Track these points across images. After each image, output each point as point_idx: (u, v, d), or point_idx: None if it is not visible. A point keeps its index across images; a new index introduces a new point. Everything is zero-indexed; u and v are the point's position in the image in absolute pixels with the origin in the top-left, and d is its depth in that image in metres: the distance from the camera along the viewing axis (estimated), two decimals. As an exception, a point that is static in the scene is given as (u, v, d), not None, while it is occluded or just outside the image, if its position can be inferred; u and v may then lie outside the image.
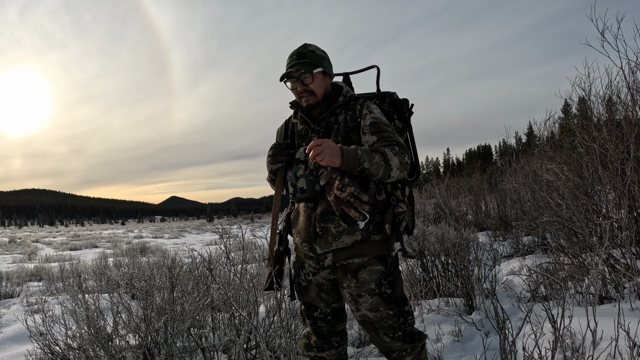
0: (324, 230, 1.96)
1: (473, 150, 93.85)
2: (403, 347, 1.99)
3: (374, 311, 1.96)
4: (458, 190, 11.33)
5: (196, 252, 3.19)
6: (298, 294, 2.18)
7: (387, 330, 1.98)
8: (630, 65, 3.63)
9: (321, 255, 2.01)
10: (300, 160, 2.01)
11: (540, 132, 6.25)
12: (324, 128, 2.05)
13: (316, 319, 2.15)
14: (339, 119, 2.05)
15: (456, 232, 4.46)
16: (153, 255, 10.94)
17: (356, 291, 1.97)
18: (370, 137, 1.95)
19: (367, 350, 3.15)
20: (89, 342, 2.59)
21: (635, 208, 3.47)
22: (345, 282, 2.00)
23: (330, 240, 1.96)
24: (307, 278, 2.13)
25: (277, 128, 2.30)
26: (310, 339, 2.20)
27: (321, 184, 1.81)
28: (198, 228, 39.14)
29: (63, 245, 20.50)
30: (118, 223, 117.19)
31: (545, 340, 2.15)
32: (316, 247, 2.00)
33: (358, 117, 2.01)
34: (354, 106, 2.04)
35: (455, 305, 3.91)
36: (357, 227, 1.91)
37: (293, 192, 2.04)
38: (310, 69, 2.00)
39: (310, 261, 2.08)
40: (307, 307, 2.17)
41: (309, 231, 2.01)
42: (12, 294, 6.97)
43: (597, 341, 1.86)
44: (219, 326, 2.89)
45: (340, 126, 2.03)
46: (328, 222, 1.96)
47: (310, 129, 2.10)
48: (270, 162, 2.06)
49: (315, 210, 1.99)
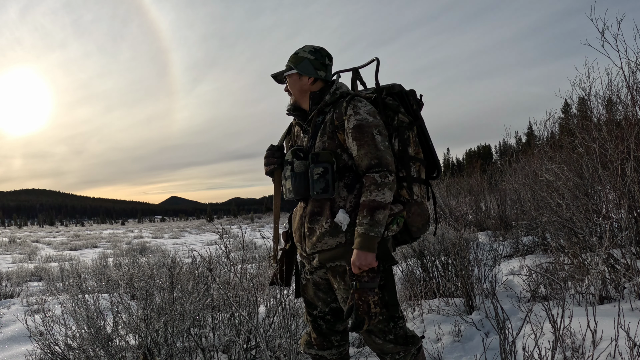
0: (310, 231, 1.98)
1: (473, 150, 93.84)
2: (396, 349, 1.98)
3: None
4: (458, 190, 11.32)
5: (196, 252, 3.19)
6: (300, 291, 2.21)
7: (377, 334, 1.97)
8: (630, 65, 3.63)
9: (310, 255, 2.03)
10: (288, 161, 2.05)
11: (540, 132, 6.25)
12: (312, 128, 2.05)
13: (315, 317, 2.17)
14: (326, 117, 2.02)
15: (456, 232, 4.45)
16: (153, 255, 10.94)
17: (345, 294, 1.95)
18: (352, 143, 1.92)
19: (367, 351, 3.15)
20: (89, 342, 2.59)
21: (635, 208, 3.46)
22: (335, 283, 2.00)
23: (315, 241, 1.96)
24: (306, 276, 2.16)
25: None
26: (311, 336, 2.22)
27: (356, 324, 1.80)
28: (198, 228, 39.14)
29: (63, 245, 20.50)
30: (118, 223, 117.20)
31: (545, 340, 2.15)
32: (305, 247, 2.03)
33: (343, 114, 1.96)
34: (341, 104, 1.99)
35: (455, 305, 3.91)
36: (341, 229, 1.90)
37: (283, 193, 2.13)
38: (284, 71, 2.12)
39: (304, 260, 2.12)
40: (308, 305, 2.19)
41: (301, 231, 2.05)
42: (12, 294, 6.96)
43: (597, 341, 1.86)
44: (219, 326, 2.89)
45: (327, 125, 2.00)
46: (314, 222, 1.96)
47: (302, 129, 2.13)
48: (264, 164, 2.19)
49: (305, 210, 2.02)
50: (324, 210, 1.95)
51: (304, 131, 2.11)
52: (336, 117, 1.98)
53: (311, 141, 2.03)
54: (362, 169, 1.90)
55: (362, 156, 1.89)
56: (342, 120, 1.96)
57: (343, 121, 1.95)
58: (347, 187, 1.94)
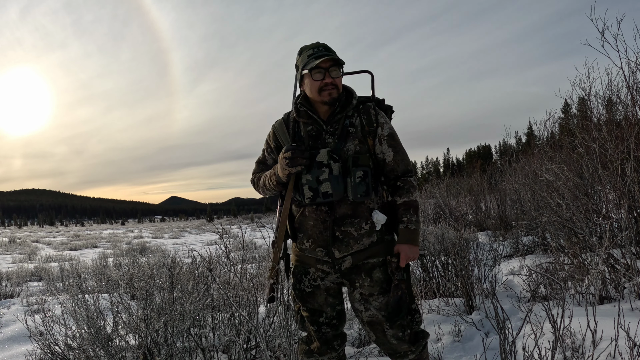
0: (344, 234, 1.98)
1: (473, 150, 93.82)
2: (409, 348, 2.03)
3: (383, 310, 1.99)
4: (458, 190, 11.32)
5: (196, 252, 3.19)
6: (300, 300, 2.14)
7: (396, 330, 2.01)
8: (630, 65, 3.64)
9: (339, 259, 2.01)
10: (323, 163, 1.95)
11: (540, 132, 6.25)
12: (340, 131, 2.02)
13: (321, 324, 2.12)
14: (355, 122, 2.05)
15: (456, 232, 4.45)
16: (153, 255, 10.93)
17: (369, 290, 2.01)
18: (387, 149, 2.05)
19: (367, 350, 3.15)
20: (89, 342, 2.59)
21: (635, 208, 3.46)
22: (358, 281, 2.02)
23: (352, 244, 1.99)
24: (313, 284, 2.09)
25: (273, 127, 2.17)
26: (310, 344, 2.16)
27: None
28: (198, 228, 39.13)
29: (63, 245, 20.49)
30: (118, 223, 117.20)
31: (545, 340, 2.15)
32: (334, 251, 1.99)
33: (374, 122, 2.05)
34: (367, 110, 2.06)
35: (455, 305, 3.91)
36: (375, 229, 2.01)
37: (312, 197, 1.96)
38: (340, 63, 1.99)
39: (323, 266, 2.06)
40: (312, 313, 2.12)
41: (325, 235, 1.99)
42: (12, 294, 6.96)
43: (597, 341, 1.86)
44: (219, 326, 2.88)
45: (358, 130, 2.04)
46: (348, 225, 1.98)
47: (324, 131, 2.04)
48: (289, 164, 1.95)
49: (331, 214, 1.98)
50: (361, 212, 1.99)
51: (327, 132, 2.03)
52: (366, 123, 2.04)
53: (340, 143, 1.99)
54: (397, 172, 2.07)
55: (398, 162, 2.06)
56: (372, 127, 2.05)
57: (374, 128, 2.05)
58: (374, 190, 2.04)
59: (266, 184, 2.15)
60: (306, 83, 2.03)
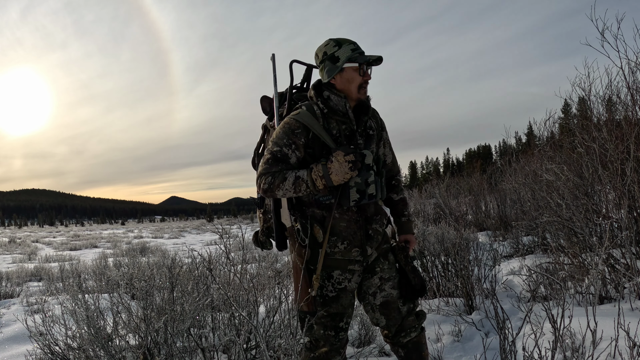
0: (374, 231, 2.09)
1: (473, 150, 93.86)
2: (414, 323, 2.12)
3: (396, 288, 2.12)
4: (458, 190, 11.32)
5: (196, 252, 3.19)
6: (321, 305, 2.02)
7: (409, 304, 2.13)
8: (630, 65, 3.63)
9: (370, 255, 2.10)
10: (370, 165, 1.97)
11: (540, 132, 6.25)
12: (364, 132, 2.09)
13: (340, 329, 2.05)
14: (372, 124, 2.14)
15: (456, 232, 4.45)
16: (153, 255, 10.93)
17: (388, 273, 2.12)
18: (388, 151, 2.26)
19: (367, 350, 3.15)
20: (89, 342, 2.59)
21: (635, 208, 3.46)
22: (378, 266, 2.12)
23: (379, 239, 2.12)
24: (338, 287, 2.03)
25: (299, 120, 1.95)
26: (314, 350, 2.05)
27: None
28: (198, 228, 39.13)
29: (63, 245, 20.48)
30: (118, 223, 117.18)
31: (545, 340, 2.15)
32: (368, 248, 2.07)
33: (381, 126, 2.20)
34: (375, 114, 2.18)
35: (455, 305, 3.91)
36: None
37: (358, 199, 1.94)
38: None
39: (355, 265, 2.05)
40: (332, 318, 2.03)
41: (359, 235, 2.03)
42: (12, 294, 6.96)
43: (597, 341, 1.86)
44: (219, 326, 2.88)
45: (375, 133, 2.13)
46: (377, 222, 2.12)
47: (358, 132, 2.04)
48: (352, 168, 1.86)
49: (363, 214, 2.05)
50: (379, 209, 2.18)
51: (359, 134, 2.04)
52: (376, 127, 2.16)
53: (367, 145, 2.06)
54: (393, 172, 2.32)
55: (394, 163, 2.32)
56: (380, 130, 2.19)
57: (380, 131, 2.19)
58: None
59: (300, 187, 1.91)
60: (344, 77, 1.96)
